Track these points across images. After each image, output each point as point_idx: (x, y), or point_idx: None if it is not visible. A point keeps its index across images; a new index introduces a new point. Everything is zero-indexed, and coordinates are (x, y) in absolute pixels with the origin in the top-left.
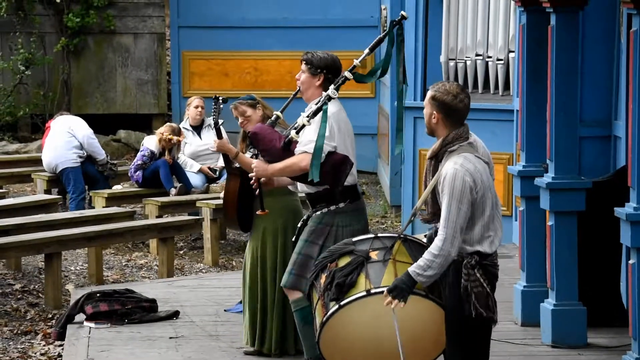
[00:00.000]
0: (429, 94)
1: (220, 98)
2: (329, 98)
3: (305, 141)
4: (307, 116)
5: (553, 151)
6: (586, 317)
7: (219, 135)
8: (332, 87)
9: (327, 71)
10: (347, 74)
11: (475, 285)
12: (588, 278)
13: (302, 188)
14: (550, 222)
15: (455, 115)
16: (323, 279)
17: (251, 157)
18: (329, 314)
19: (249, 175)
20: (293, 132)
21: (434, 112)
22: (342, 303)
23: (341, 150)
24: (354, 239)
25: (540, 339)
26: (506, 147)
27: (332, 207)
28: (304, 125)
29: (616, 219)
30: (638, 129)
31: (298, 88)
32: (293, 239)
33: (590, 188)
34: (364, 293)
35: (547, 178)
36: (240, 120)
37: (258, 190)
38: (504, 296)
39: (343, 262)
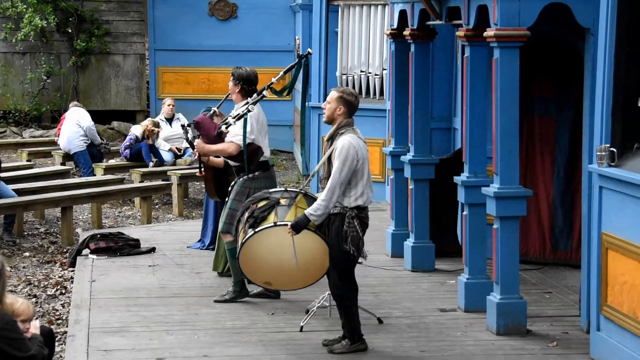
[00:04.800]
0: (337, 94)
1: (187, 124)
2: (248, 111)
3: (233, 134)
4: (234, 117)
5: (413, 138)
6: (434, 250)
7: (192, 147)
8: (250, 103)
9: (243, 82)
10: (265, 92)
11: (352, 230)
12: (436, 223)
13: (231, 162)
14: (411, 186)
15: (352, 110)
16: (246, 215)
17: (193, 137)
18: (247, 237)
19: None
20: (224, 127)
21: (341, 106)
22: (256, 230)
23: (257, 141)
24: (270, 190)
25: (403, 266)
26: (381, 135)
27: (250, 175)
28: (231, 124)
29: (455, 184)
30: (469, 123)
31: (228, 92)
32: (226, 198)
33: (438, 163)
34: (272, 224)
35: (409, 156)
36: None
37: (198, 158)
38: (379, 236)
39: (261, 204)
